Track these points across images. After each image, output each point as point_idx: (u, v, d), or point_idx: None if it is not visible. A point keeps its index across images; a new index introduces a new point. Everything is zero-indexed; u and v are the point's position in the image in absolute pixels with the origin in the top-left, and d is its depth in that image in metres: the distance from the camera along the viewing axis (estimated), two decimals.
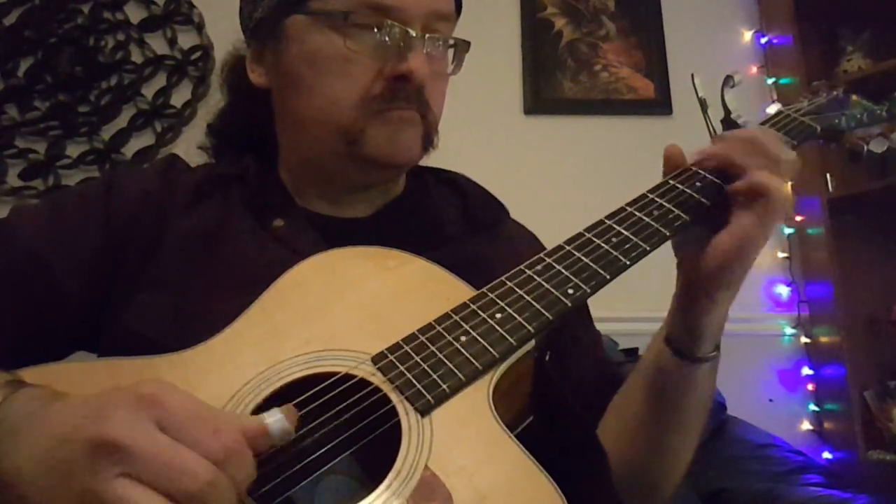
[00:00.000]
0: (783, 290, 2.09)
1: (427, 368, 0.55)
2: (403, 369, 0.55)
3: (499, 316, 0.59)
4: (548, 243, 0.72)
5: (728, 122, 0.75)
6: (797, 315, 2.06)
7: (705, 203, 0.66)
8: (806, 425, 2.00)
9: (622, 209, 0.67)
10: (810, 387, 2.02)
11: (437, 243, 0.77)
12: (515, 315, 0.58)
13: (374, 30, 0.72)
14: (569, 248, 0.64)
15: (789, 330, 2.06)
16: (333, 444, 0.53)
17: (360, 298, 0.63)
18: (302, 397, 0.54)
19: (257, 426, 0.45)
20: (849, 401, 1.87)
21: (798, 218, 2.09)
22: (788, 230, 2.11)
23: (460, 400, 0.54)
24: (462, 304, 0.60)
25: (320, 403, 0.54)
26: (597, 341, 0.88)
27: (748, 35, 2.29)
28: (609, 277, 0.61)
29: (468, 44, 0.80)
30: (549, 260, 0.63)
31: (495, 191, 0.91)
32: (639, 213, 0.66)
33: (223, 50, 0.89)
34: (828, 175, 2.00)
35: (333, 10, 0.73)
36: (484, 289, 0.61)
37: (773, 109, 0.81)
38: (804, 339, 2.05)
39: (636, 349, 1.51)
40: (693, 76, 0.75)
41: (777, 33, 2.22)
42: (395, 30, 0.72)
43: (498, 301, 0.60)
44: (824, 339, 1.99)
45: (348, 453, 0.54)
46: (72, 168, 2.02)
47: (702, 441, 1.52)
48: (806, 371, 2.03)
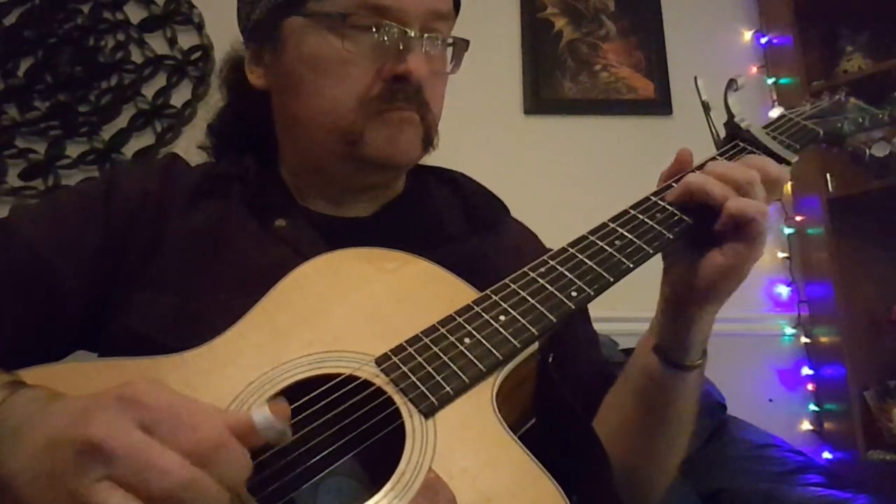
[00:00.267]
0: (783, 290, 2.09)
1: (431, 370, 0.55)
2: (407, 371, 0.55)
3: (502, 318, 0.59)
4: (548, 243, 0.73)
5: (731, 126, 0.75)
6: (797, 315, 2.06)
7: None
8: (806, 425, 2.00)
9: (625, 212, 0.67)
10: (810, 387, 2.02)
11: (438, 242, 0.77)
12: (519, 317, 0.58)
13: (373, 31, 0.72)
14: (572, 251, 0.64)
15: (789, 330, 2.06)
16: (336, 446, 0.53)
17: (363, 300, 0.63)
18: (305, 399, 0.54)
19: (243, 421, 0.43)
20: (849, 401, 1.87)
21: (798, 218, 2.09)
22: (788, 230, 2.11)
23: (464, 402, 0.54)
24: (465, 307, 0.60)
25: (323, 405, 0.54)
26: (593, 341, 0.88)
27: (748, 35, 2.29)
28: (612, 280, 0.61)
29: (467, 43, 0.80)
30: (553, 262, 0.63)
31: (495, 191, 0.91)
32: (642, 216, 0.66)
33: (223, 50, 0.89)
34: (828, 175, 1.99)
35: (331, 12, 0.73)
36: (487, 291, 0.61)
37: (776, 113, 0.81)
38: (804, 339, 2.05)
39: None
40: (696, 79, 0.75)
41: (777, 33, 2.22)
42: (394, 30, 0.72)
43: (501, 303, 0.60)
44: (824, 339, 1.99)
45: (351, 455, 0.54)
46: (72, 168, 2.01)
47: (702, 441, 1.54)
48: (806, 371, 2.03)
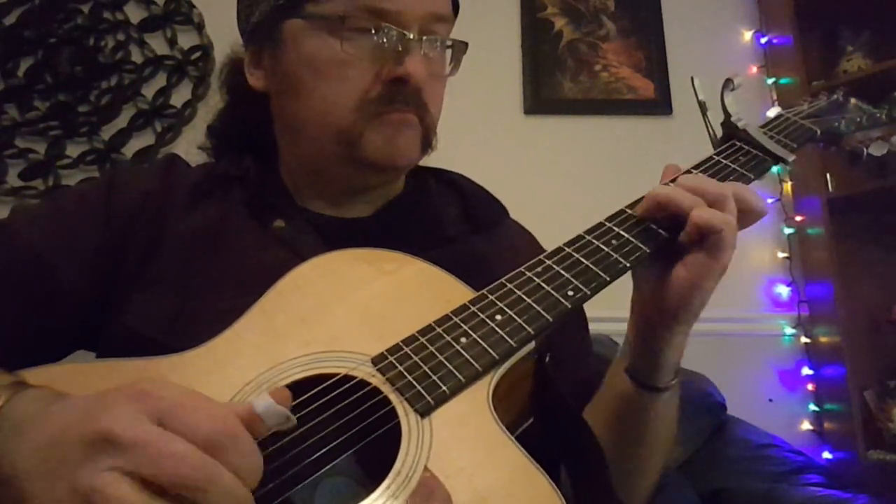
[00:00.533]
0: (783, 290, 2.09)
1: (427, 370, 0.55)
2: (403, 370, 0.55)
3: (499, 318, 0.59)
4: (547, 243, 0.73)
5: (728, 125, 0.75)
6: (797, 315, 2.06)
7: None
8: (806, 425, 2.00)
9: (622, 211, 0.67)
10: (810, 387, 2.02)
11: (437, 243, 0.77)
12: (515, 317, 0.59)
13: (371, 33, 0.72)
14: (569, 250, 0.64)
15: (789, 330, 2.06)
16: (333, 446, 0.53)
17: (361, 300, 0.63)
18: (302, 398, 0.54)
19: (247, 410, 0.44)
20: (849, 401, 1.87)
21: (798, 218, 2.09)
22: (788, 230, 2.11)
23: (460, 401, 0.54)
24: (462, 306, 0.60)
25: (320, 404, 0.54)
26: (587, 352, 0.87)
27: (748, 35, 2.29)
28: (609, 279, 0.61)
29: (465, 45, 0.80)
30: (549, 262, 0.63)
31: (495, 191, 0.91)
32: (639, 216, 0.66)
33: (223, 50, 0.89)
34: (828, 175, 1.99)
35: (330, 15, 0.73)
36: (484, 290, 0.62)
37: (773, 112, 0.81)
38: (804, 339, 2.05)
39: None
40: (693, 79, 0.75)
41: (777, 33, 2.22)
42: (392, 33, 0.72)
43: (498, 303, 0.60)
44: (824, 339, 1.99)
45: (348, 454, 0.54)
46: (72, 168, 2.01)
47: (702, 441, 1.54)
48: (806, 371, 2.03)
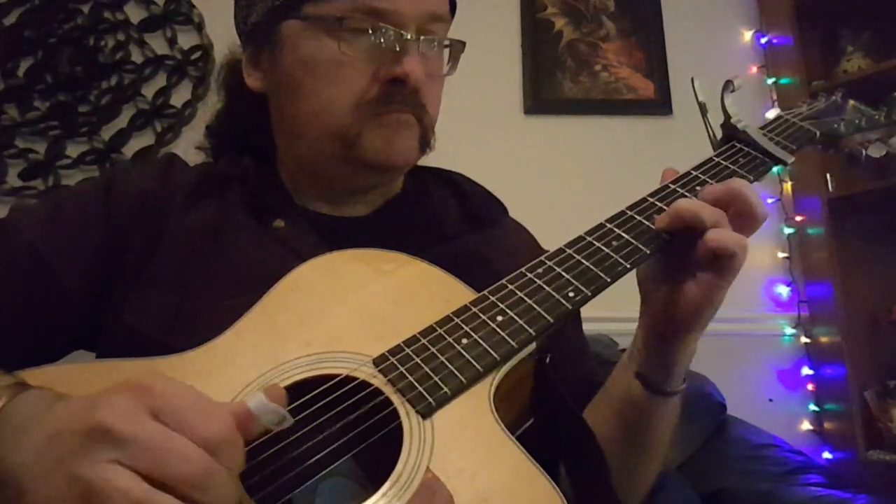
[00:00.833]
0: (783, 290, 2.09)
1: (428, 371, 0.55)
2: (405, 371, 0.55)
3: (500, 319, 0.59)
4: (547, 243, 0.73)
5: (728, 127, 0.75)
6: (797, 315, 2.06)
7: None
8: (806, 425, 2.00)
9: (622, 213, 0.67)
10: (810, 387, 2.02)
11: (437, 242, 0.77)
12: (516, 318, 0.59)
13: (369, 33, 0.72)
14: (569, 252, 0.64)
15: (789, 330, 2.06)
16: (334, 447, 0.53)
17: (361, 300, 0.63)
18: (303, 399, 0.54)
19: (243, 409, 0.44)
20: (849, 401, 1.87)
21: (798, 218, 2.09)
22: (788, 230, 2.11)
23: (461, 402, 0.54)
24: (463, 307, 0.60)
25: (321, 405, 0.54)
26: (584, 351, 0.87)
27: (748, 35, 2.29)
28: (610, 281, 0.61)
29: (463, 44, 0.80)
30: (550, 263, 0.63)
31: (495, 190, 0.91)
32: (639, 217, 0.66)
33: (223, 50, 0.89)
34: (828, 175, 1.99)
35: (327, 15, 0.73)
36: (485, 291, 0.62)
37: (773, 114, 0.81)
38: (804, 339, 2.04)
39: None
40: (693, 80, 0.75)
41: (777, 33, 2.22)
42: (390, 33, 0.72)
43: (499, 304, 0.60)
44: (824, 339, 1.99)
45: (349, 455, 0.54)
46: (72, 168, 2.01)
47: (702, 441, 1.54)
48: (806, 371, 2.03)
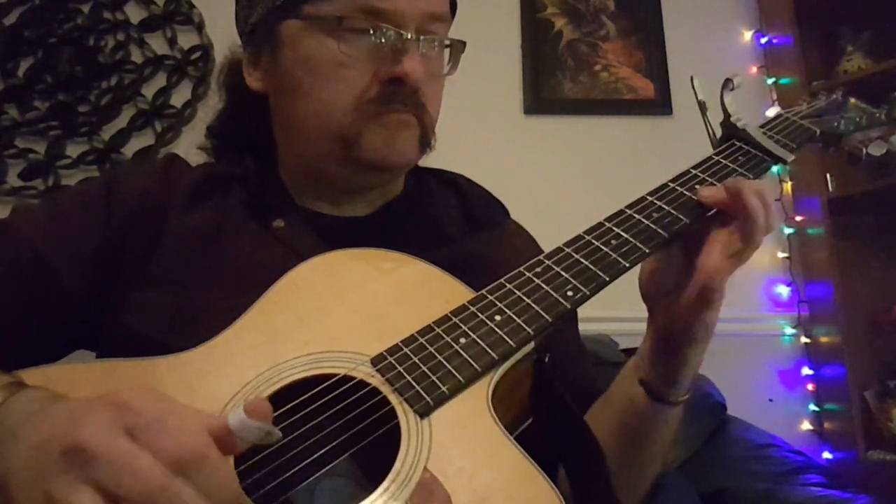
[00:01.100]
0: (783, 290, 2.09)
1: (426, 370, 0.55)
2: (403, 371, 0.55)
3: (498, 318, 0.59)
4: (547, 243, 0.73)
5: (728, 125, 0.75)
6: (797, 315, 2.06)
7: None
8: (806, 425, 2.00)
9: (621, 211, 0.67)
10: (810, 387, 2.02)
11: (437, 243, 0.77)
12: (515, 317, 0.59)
13: (369, 33, 0.72)
14: (568, 251, 0.64)
15: (789, 330, 2.06)
16: (332, 446, 0.53)
17: (360, 300, 0.63)
18: (301, 399, 0.54)
19: (222, 426, 0.43)
20: (849, 401, 1.86)
21: (798, 218, 2.09)
22: (788, 230, 2.11)
23: (460, 402, 0.54)
24: (461, 306, 0.60)
25: (319, 405, 0.54)
26: (581, 354, 0.88)
27: (748, 35, 2.29)
28: (608, 280, 0.61)
29: (463, 44, 0.80)
30: (549, 262, 0.63)
31: (495, 191, 0.91)
32: (637, 216, 0.66)
33: (223, 50, 0.89)
34: (828, 175, 1.99)
35: (327, 15, 0.73)
36: (483, 291, 0.62)
37: (773, 112, 0.81)
38: (804, 339, 2.04)
39: (636, 349, 1.51)
40: (692, 79, 0.75)
41: (777, 33, 2.22)
42: (390, 33, 0.72)
43: (497, 303, 0.60)
44: (824, 339, 1.99)
45: (347, 455, 0.54)
46: (72, 168, 2.01)
47: (702, 441, 1.53)
48: (806, 371, 2.03)
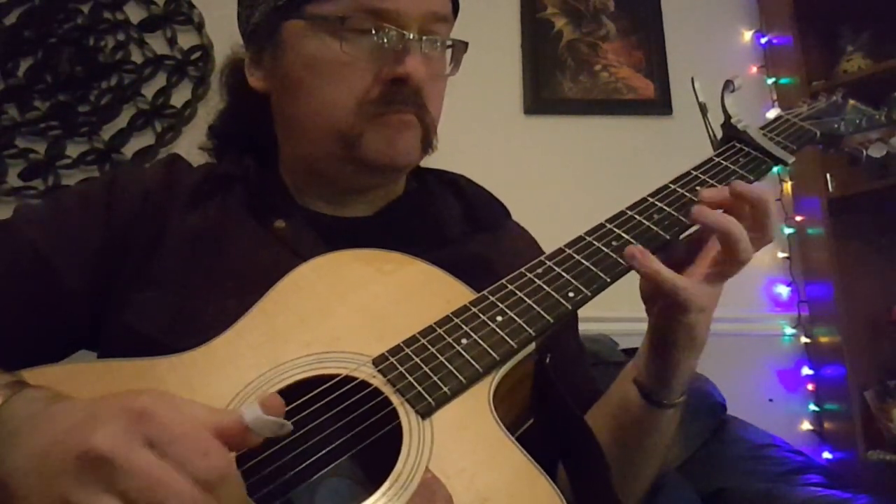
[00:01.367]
0: (783, 290, 2.09)
1: (428, 371, 0.55)
2: (404, 371, 0.55)
3: (499, 319, 0.59)
4: (547, 243, 0.73)
5: (728, 127, 0.75)
6: (797, 315, 2.06)
7: None
8: (806, 425, 2.00)
9: (622, 213, 0.67)
10: (810, 387, 2.02)
11: (439, 244, 0.77)
12: (516, 318, 0.59)
13: (371, 33, 0.72)
14: (569, 252, 0.64)
15: (789, 330, 2.06)
16: (334, 447, 0.53)
17: (361, 301, 0.63)
18: (303, 399, 0.54)
19: (235, 423, 0.43)
20: (849, 401, 1.86)
21: (798, 218, 2.09)
22: (788, 230, 2.11)
23: (461, 402, 0.54)
24: (463, 307, 0.60)
25: (321, 405, 0.54)
26: (581, 356, 0.87)
27: (748, 35, 2.28)
28: (609, 281, 0.61)
29: (466, 44, 0.80)
30: (550, 263, 0.63)
31: (495, 191, 0.91)
32: (638, 217, 0.66)
33: (223, 50, 0.89)
34: (828, 175, 1.99)
35: (329, 15, 0.73)
36: (484, 291, 0.62)
37: (773, 114, 0.81)
38: (804, 339, 2.04)
39: (636, 349, 1.51)
40: (693, 80, 0.75)
41: (777, 33, 2.22)
42: (392, 33, 0.72)
43: (498, 304, 0.60)
44: (824, 339, 1.99)
45: (349, 455, 0.54)
46: (72, 168, 2.01)
47: (702, 441, 1.53)
48: (806, 371, 2.03)
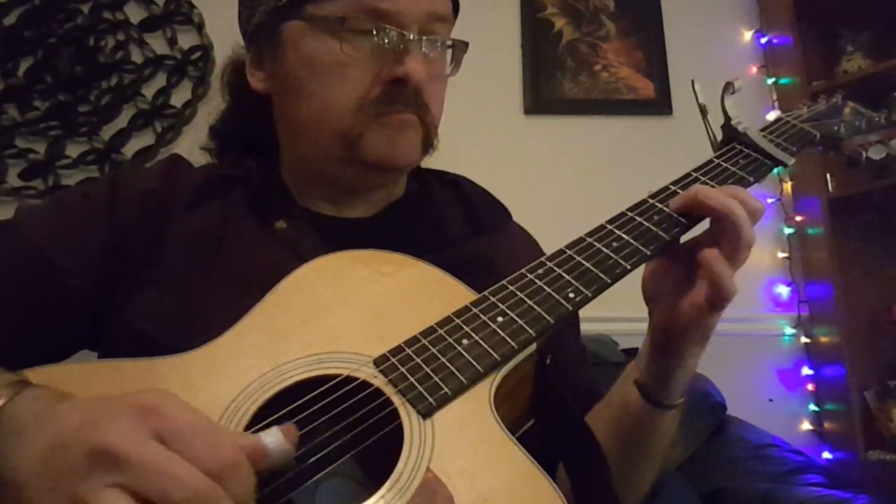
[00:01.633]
0: (783, 290, 2.09)
1: (429, 371, 0.55)
2: (405, 372, 0.55)
3: (500, 319, 0.59)
4: (547, 243, 0.73)
5: (728, 129, 0.75)
6: (797, 315, 2.06)
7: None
8: (806, 425, 2.00)
9: (623, 214, 0.67)
10: (810, 387, 2.02)
11: (440, 245, 0.78)
12: (517, 318, 0.59)
13: (371, 34, 0.72)
14: (570, 253, 0.64)
15: (789, 330, 2.06)
16: (335, 447, 0.53)
17: (362, 301, 0.63)
18: (303, 399, 0.54)
19: (255, 444, 0.44)
20: (849, 401, 1.87)
21: (798, 218, 2.09)
22: (788, 230, 2.11)
23: (462, 403, 0.54)
24: (464, 308, 0.60)
25: (322, 406, 0.54)
26: (582, 357, 0.88)
27: (748, 35, 2.29)
28: (610, 282, 0.61)
29: (466, 44, 0.80)
30: (551, 264, 0.63)
31: (495, 191, 0.91)
32: (639, 218, 0.66)
33: (223, 50, 0.89)
34: (828, 175, 2.00)
35: (329, 16, 0.73)
36: (485, 292, 0.62)
37: (773, 116, 0.81)
38: (804, 339, 2.05)
39: (636, 349, 1.51)
40: (693, 82, 0.76)
41: (777, 33, 2.22)
42: (392, 33, 0.72)
43: (499, 304, 0.60)
44: (824, 339, 1.99)
45: (350, 455, 0.54)
46: (72, 168, 2.02)
47: (702, 441, 1.54)
48: (806, 371, 2.03)
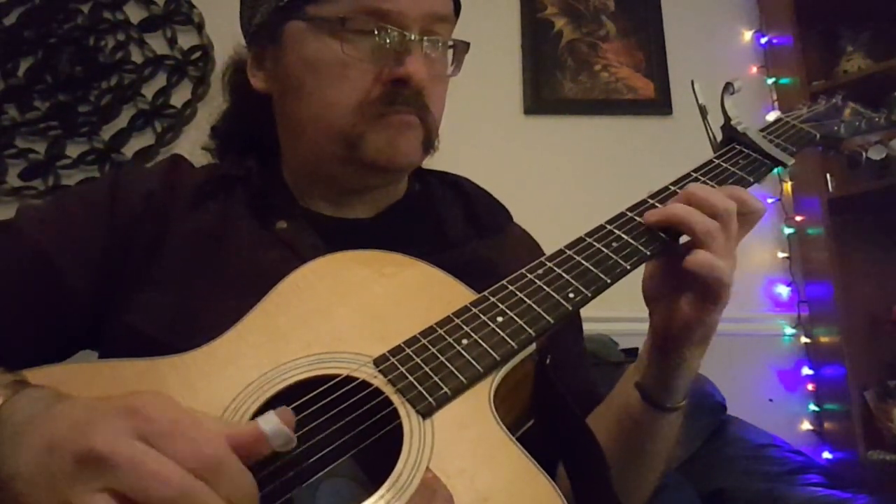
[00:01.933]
0: (783, 290, 2.09)
1: (428, 371, 0.55)
2: (405, 371, 0.55)
3: (500, 319, 0.59)
4: (547, 243, 0.73)
5: (728, 129, 0.75)
6: (797, 315, 2.06)
7: None
8: (806, 425, 2.00)
9: (622, 214, 0.67)
10: (810, 387, 2.02)
11: (440, 246, 0.78)
12: (516, 318, 0.59)
13: (372, 34, 0.72)
14: (570, 253, 0.64)
15: (789, 330, 2.06)
16: (335, 447, 0.53)
17: (362, 301, 0.63)
18: (303, 399, 0.54)
19: (251, 431, 0.44)
20: (849, 401, 1.87)
21: (798, 218, 2.09)
22: (788, 230, 2.11)
23: (462, 402, 0.54)
24: (463, 308, 0.60)
25: (322, 405, 0.54)
26: (583, 359, 0.88)
27: (748, 35, 2.29)
28: (610, 282, 0.61)
29: (467, 45, 0.80)
30: (550, 264, 0.63)
31: (495, 191, 0.91)
32: (639, 219, 0.66)
33: (223, 50, 0.89)
34: (828, 175, 1.99)
35: (330, 16, 0.73)
36: (485, 292, 0.62)
37: (773, 116, 0.81)
38: (804, 339, 2.05)
39: (636, 349, 1.51)
40: (693, 83, 0.76)
41: (777, 33, 2.22)
42: (393, 34, 0.72)
43: (499, 304, 0.60)
44: (824, 339, 1.99)
45: (350, 455, 0.54)
46: (72, 168, 2.02)
47: (702, 441, 1.54)
48: (806, 371, 2.03)
